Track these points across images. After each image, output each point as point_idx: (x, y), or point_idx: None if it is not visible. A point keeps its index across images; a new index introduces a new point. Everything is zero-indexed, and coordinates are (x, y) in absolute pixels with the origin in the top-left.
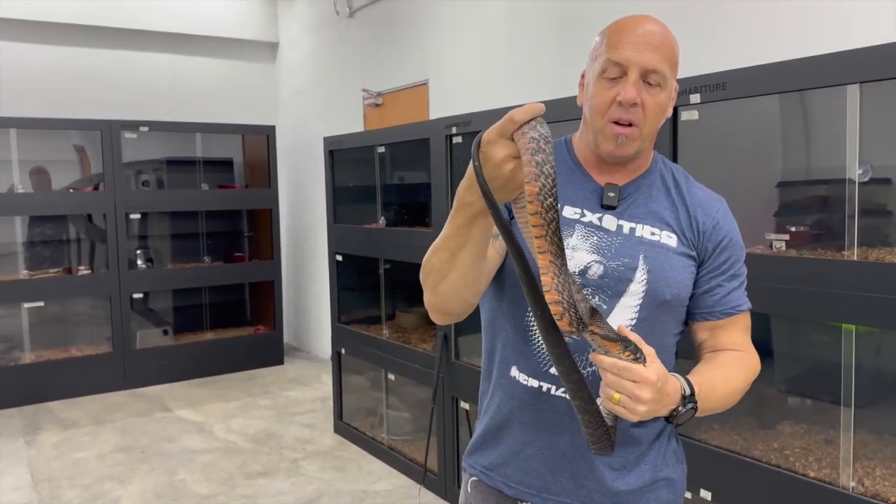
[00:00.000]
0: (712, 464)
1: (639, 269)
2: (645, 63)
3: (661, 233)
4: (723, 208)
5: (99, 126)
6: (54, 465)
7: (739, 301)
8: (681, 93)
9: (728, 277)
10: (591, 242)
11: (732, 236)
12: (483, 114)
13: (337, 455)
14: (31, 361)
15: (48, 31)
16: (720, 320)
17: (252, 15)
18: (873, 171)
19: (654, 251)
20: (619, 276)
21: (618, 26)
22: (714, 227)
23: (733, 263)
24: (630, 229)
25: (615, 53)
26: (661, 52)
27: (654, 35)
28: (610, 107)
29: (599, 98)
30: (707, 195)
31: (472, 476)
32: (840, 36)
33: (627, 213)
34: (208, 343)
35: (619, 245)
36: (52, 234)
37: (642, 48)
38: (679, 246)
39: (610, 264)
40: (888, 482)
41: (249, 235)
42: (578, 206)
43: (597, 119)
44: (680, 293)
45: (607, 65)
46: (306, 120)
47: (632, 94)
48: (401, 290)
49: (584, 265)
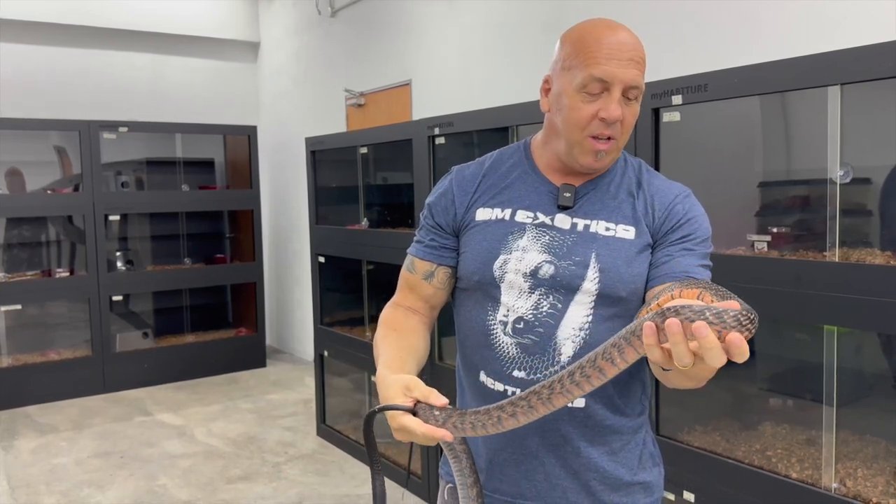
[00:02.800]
0: (695, 466)
1: (590, 268)
2: (629, 80)
3: (617, 227)
4: (683, 195)
5: (77, 126)
6: (32, 470)
7: (686, 268)
8: (662, 94)
9: (681, 251)
10: (543, 242)
11: (692, 217)
12: (466, 114)
13: (319, 458)
14: (8, 365)
15: (26, 30)
16: (659, 286)
17: (233, 15)
18: (854, 172)
19: (608, 248)
20: (571, 275)
21: (591, 35)
22: (669, 208)
23: (690, 239)
24: (584, 226)
25: (597, 68)
26: (640, 65)
27: (632, 46)
28: (590, 122)
29: (579, 113)
30: (668, 184)
31: (448, 483)
32: (821, 38)
33: (582, 210)
34: (189, 346)
35: (572, 244)
36: (30, 236)
37: (625, 63)
38: (637, 238)
39: (561, 264)
40: (869, 483)
41: (231, 237)
42: (532, 210)
43: (574, 132)
44: (637, 287)
45: (589, 80)
46: (288, 120)
47: (617, 112)
48: (384, 291)
49: (534, 265)
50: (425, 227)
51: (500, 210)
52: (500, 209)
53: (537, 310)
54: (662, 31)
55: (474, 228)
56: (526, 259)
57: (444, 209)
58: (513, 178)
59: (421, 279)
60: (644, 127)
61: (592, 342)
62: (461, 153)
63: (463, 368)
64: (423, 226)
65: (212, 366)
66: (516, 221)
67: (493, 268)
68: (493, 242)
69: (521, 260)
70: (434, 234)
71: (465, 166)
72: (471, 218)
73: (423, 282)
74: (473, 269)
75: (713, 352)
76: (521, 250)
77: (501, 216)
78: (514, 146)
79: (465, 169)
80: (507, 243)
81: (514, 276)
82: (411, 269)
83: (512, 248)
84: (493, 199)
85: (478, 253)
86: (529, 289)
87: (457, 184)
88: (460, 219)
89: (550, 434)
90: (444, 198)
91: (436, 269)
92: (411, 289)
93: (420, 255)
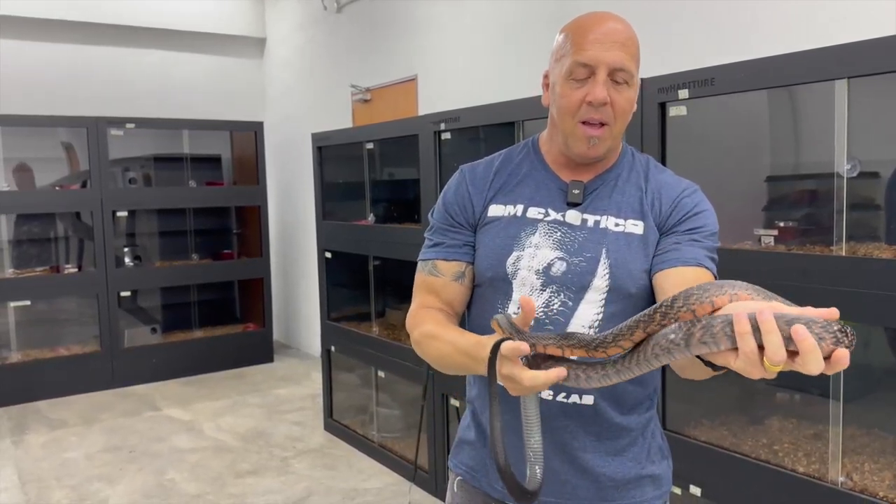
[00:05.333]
0: (701, 460)
1: (601, 265)
2: (612, 62)
3: (626, 222)
4: (691, 189)
5: (85, 123)
6: (42, 465)
7: (696, 256)
8: (669, 88)
9: (689, 241)
10: (555, 238)
11: (700, 211)
12: (472, 109)
13: (327, 453)
14: (18, 361)
15: (32, 27)
16: (669, 269)
17: (239, 11)
18: (861, 166)
19: (618, 244)
20: (582, 272)
21: (580, 25)
22: (677, 202)
23: (698, 231)
24: (595, 222)
25: (581, 54)
26: (626, 48)
27: (619, 32)
28: (579, 107)
29: (568, 99)
30: (675, 179)
31: (458, 476)
32: (828, 31)
33: (592, 206)
34: (197, 341)
35: (583, 240)
36: (39, 233)
37: (609, 46)
38: (647, 232)
39: (572, 260)
40: (876, 477)
41: (238, 233)
42: (543, 207)
43: (566, 120)
44: (646, 283)
45: (574, 66)
46: (294, 116)
47: (602, 94)
48: (390, 287)
49: (547, 262)
50: (442, 229)
51: (511, 207)
52: (513, 206)
53: (548, 307)
54: (668, 25)
55: (488, 225)
56: (539, 256)
57: (462, 207)
58: (523, 174)
59: (451, 280)
60: (650, 121)
61: None
62: (467, 149)
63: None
64: (438, 228)
65: (220, 361)
66: (528, 218)
67: (506, 264)
68: (506, 239)
69: (533, 257)
70: (455, 233)
71: (475, 164)
72: (485, 215)
73: (452, 283)
74: (486, 265)
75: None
76: (533, 247)
77: (514, 213)
78: (522, 144)
79: (476, 167)
80: (519, 240)
81: (527, 272)
82: (435, 273)
83: (525, 244)
84: (505, 197)
85: (491, 249)
86: (541, 286)
87: (470, 181)
88: (478, 216)
89: (559, 432)
90: (461, 196)
91: (465, 268)
92: (436, 294)
93: (446, 257)
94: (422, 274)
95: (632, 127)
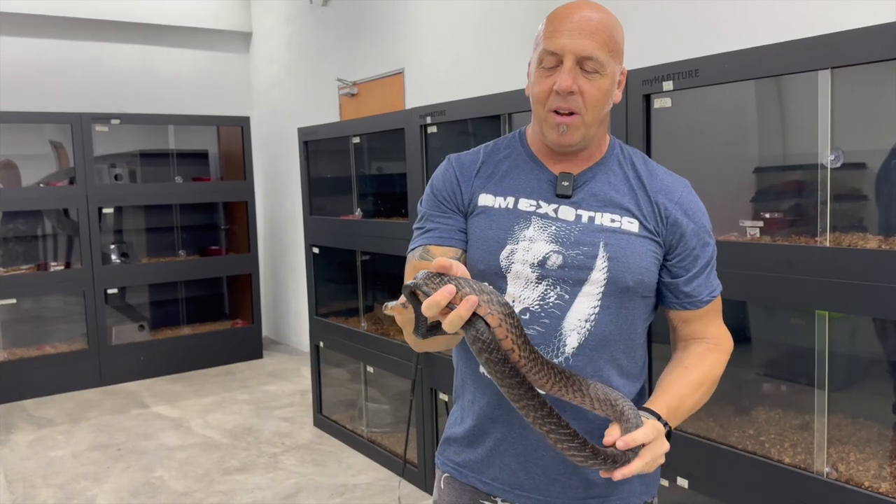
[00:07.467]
0: (689, 452)
1: (599, 257)
2: (578, 50)
3: (622, 219)
4: (686, 191)
5: (69, 119)
6: (28, 464)
7: (711, 288)
8: (653, 80)
9: (699, 266)
10: (549, 232)
11: (699, 221)
12: (458, 103)
13: (316, 448)
14: (3, 359)
15: (13, 22)
16: (691, 311)
17: (225, 4)
18: (845, 157)
19: (615, 238)
20: (580, 265)
21: (556, 14)
22: (679, 214)
23: (702, 248)
24: (589, 218)
25: (550, 43)
26: (595, 37)
27: (590, 21)
28: (549, 96)
29: (538, 87)
30: (669, 178)
31: (444, 472)
32: (811, 21)
33: (585, 202)
34: (185, 338)
35: (579, 233)
36: (25, 230)
37: (576, 35)
38: (641, 231)
39: (569, 252)
40: (861, 466)
41: (226, 228)
42: (534, 198)
43: (539, 108)
44: (644, 279)
45: (543, 54)
46: (281, 110)
47: (567, 82)
48: (378, 281)
49: (542, 255)
50: (433, 216)
51: (502, 198)
52: (503, 197)
53: (544, 301)
54: (653, 16)
55: (479, 215)
56: (533, 249)
57: (451, 193)
58: (510, 164)
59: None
60: (635, 113)
61: (598, 333)
62: (454, 142)
63: (463, 360)
64: (428, 215)
65: (208, 358)
66: (520, 210)
67: (499, 257)
68: (498, 232)
69: (528, 250)
70: (447, 218)
71: (462, 154)
72: (475, 203)
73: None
74: (479, 257)
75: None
76: (528, 240)
77: (505, 205)
78: (509, 135)
79: (462, 156)
80: (513, 233)
81: (522, 266)
82: (427, 257)
83: (518, 237)
84: (494, 186)
85: (483, 241)
86: (537, 279)
87: (458, 168)
88: (467, 202)
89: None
90: (449, 181)
91: (459, 255)
92: None
93: (439, 242)
94: (412, 260)
95: (616, 119)
